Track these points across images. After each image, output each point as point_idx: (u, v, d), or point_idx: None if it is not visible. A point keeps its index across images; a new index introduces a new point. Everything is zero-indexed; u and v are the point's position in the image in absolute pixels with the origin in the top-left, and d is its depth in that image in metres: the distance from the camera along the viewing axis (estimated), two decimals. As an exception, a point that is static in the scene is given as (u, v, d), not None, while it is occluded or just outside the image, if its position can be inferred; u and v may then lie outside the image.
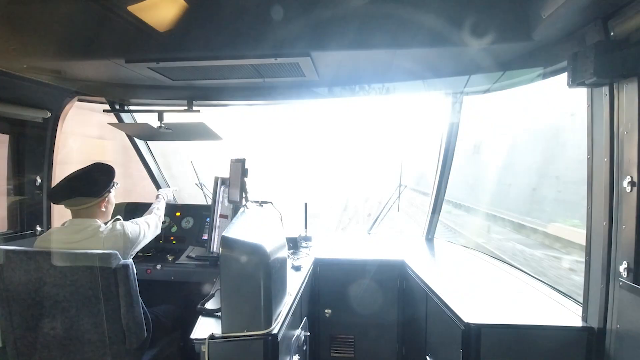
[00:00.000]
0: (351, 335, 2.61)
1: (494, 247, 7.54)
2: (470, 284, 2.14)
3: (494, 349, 1.56)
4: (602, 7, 1.31)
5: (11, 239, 2.33)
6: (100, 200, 1.86)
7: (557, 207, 6.84)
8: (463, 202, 10.91)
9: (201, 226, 2.83)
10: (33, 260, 1.59)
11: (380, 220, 3.45)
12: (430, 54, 1.98)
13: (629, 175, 1.31)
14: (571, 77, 1.44)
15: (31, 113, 2.32)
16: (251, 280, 1.41)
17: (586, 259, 1.55)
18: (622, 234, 1.36)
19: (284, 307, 1.66)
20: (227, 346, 1.41)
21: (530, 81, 2.07)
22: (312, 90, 2.50)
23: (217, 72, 2.10)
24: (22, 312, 1.63)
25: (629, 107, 1.31)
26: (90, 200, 1.82)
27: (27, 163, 2.43)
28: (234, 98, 2.64)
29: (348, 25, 1.71)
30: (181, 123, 2.62)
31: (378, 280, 2.55)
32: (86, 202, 1.81)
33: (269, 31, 1.72)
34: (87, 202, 1.81)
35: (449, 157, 2.72)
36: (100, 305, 1.60)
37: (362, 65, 2.13)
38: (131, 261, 1.67)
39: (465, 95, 2.47)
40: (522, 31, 1.61)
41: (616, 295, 1.40)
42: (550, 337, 1.57)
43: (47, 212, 2.55)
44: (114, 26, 1.73)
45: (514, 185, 9.03)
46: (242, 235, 1.47)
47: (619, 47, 1.30)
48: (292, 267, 2.25)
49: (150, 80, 2.27)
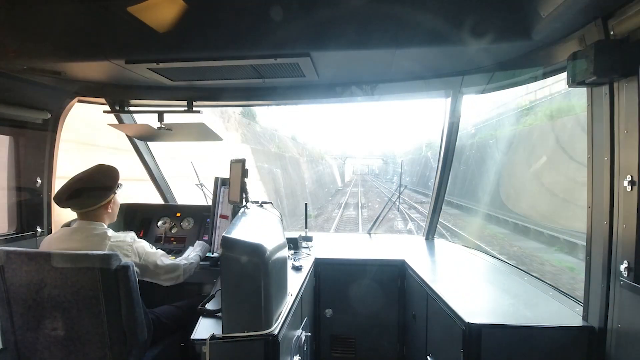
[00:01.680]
0: (352, 336, 2.61)
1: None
2: (470, 284, 2.14)
3: (495, 348, 1.56)
4: (602, 7, 1.31)
5: (11, 239, 2.33)
6: (106, 202, 1.85)
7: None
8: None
9: (201, 227, 2.83)
10: (34, 261, 1.59)
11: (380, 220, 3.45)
12: (430, 54, 1.98)
13: (629, 174, 1.31)
14: (571, 76, 1.44)
15: (31, 114, 2.32)
16: (252, 280, 1.41)
17: (587, 259, 1.55)
18: (623, 234, 1.36)
19: (285, 307, 1.66)
20: (227, 347, 1.41)
21: (530, 80, 2.07)
22: (312, 91, 2.50)
23: (217, 73, 2.10)
24: (23, 313, 1.63)
25: (629, 106, 1.31)
26: (96, 202, 1.82)
27: (27, 164, 2.43)
28: (234, 98, 2.65)
29: (348, 25, 1.71)
30: (181, 123, 2.62)
31: (378, 280, 2.55)
32: (92, 204, 1.81)
33: (269, 31, 1.72)
34: (93, 205, 1.81)
35: (449, 157, 2.72)
36: (101, 306, 1.60)
37: (361, 65, 2.13)
38: (132, 262, 1.67)
39: (464, 94, 2.46)
40: (521, 30, 1.61)
41: (617, 295, 1.40)
42: (551, 337, 1.57)
43: (48, 213, 2.55)
44: (114, 27, 1.73)
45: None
46: (243, 236, 1.47)
47: (618, 47, 1.30)
48: (292, 267, 2.25)
49: (150, 81, 2.27)
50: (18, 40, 1.79)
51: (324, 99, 2.57)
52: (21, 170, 2.41)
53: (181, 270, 2.01)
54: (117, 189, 1.91)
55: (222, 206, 2.53)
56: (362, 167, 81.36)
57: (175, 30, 1.72)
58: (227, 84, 2.44)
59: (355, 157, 73.72)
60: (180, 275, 2.01)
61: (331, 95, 2.49)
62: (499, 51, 1.89)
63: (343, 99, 2.57)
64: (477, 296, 1.92)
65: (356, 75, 2.35)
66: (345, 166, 63.78)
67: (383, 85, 2.42)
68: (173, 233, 2.82)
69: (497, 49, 1.84)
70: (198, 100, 2.60)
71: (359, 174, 71.75)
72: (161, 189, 3.32)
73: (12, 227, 2.42)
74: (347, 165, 67.00)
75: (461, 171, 17.97)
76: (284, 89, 2.53)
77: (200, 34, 1.76)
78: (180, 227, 2.85)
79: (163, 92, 2.53)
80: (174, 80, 2.28)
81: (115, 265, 1.59)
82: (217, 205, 2.55)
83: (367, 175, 71.29)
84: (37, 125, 2.40)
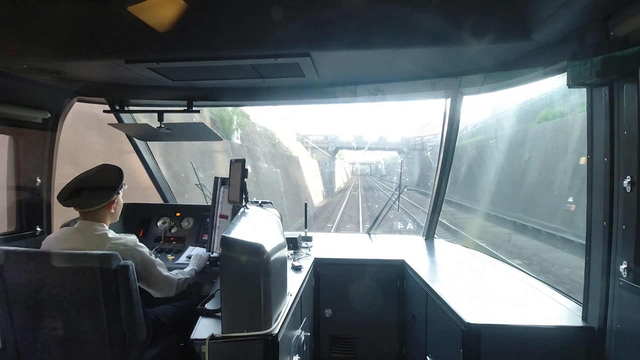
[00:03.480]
0: (351, 335, 2.61)
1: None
2: (470, 284, 2.14)
3: (494, 349, 1.56)
4: (602, 7, 1.31)
5: (11, 239, 2.33)
6: (109, 202, 1.85)
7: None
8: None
9: (201, 226, 2.83)
10: (34, 261, 1.59)
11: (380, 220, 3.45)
12: (430, 54, 1.98)
13: (629, 175, 1.31)
14: (571, 77, 1.44)
15: (31, 114, 2.32)
16: (251, 280, 1.41)
17: (586, 259, 1.55)
18: (622, 234, 1.36)
19: (284, 307, 1.66)
20: (227, 346, 1.41)
21: (530, 81, 2.07)
22: (312, 91, 2.50)
23: (217, 72, 2.10)
24: (23, 313, 1.63)
25: (629, 107, 1.31)
26: (99, 202, 1.81)
27: (27, 163, 2.43)
28: (234, 98, 2.64)
29: (348, 25, 1.71)
30: (181, 123, 2.62)
31: (378, 280, 2.55)
32: (94, 204, 1.81)
33: (269, 31, 1.72)
34: (95, 205, 1.81)
35: (449, 157, 2.72)
36: (101, 306, 1.60)
37: (362, 65, 2.13)
38: (131, 262, 1.67)
39: (464, 95, 2.46)
40: (521, 31, 1.61)
41: (616, 295, 1.40)
42: (551, 337, 1.57)
43: (47, 213, 2.55)
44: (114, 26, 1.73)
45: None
46: (242, 236, 1.47)
47: (619, 47, 1.30)
48: (292, 267, 2.25)
49: (150, 80, 2.27)
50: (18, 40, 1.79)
51: (324, 99, 2.57)
52: (21, 170, 2.41)
53: (174, 287, 1.99)
54: (120, 190, 1.91)
55: (222, 206, 2.53)
56: (362, 166, 58.50)
57: (175, 30, 1.72)
58: (227, 83, 2.44)
59: (351, 145, 38.36)
60: (172, 291, 1.99)
61: (331, 95, 2.49)
62: (499, 51, 1.89)
63: (343, 99, 2.56)
64: (477, 296, 1.92)
65: (356, 76, 2.35)
66: (335, 164, 37.73)
67: (383, 86, 2.42)
68: (173, 233, 2.82)
69: (497, 49, 1.84)
70: (198, 100, 2.60)
71: (359, 174, 54.08)
72: (161, 189, 3.32)
73: (12, 226, 2.42)
74: (338, 166, 39.81)
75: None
76: (284, 89, 2.52)
77: (200, 34, 1.76)
78: (180, 227, 2.84)
79: (163, 92, 2.53)
80: (174, 80, 2.28)
81: (115, 265, 1.59)
82: (216, 205, 2.55)
83: (370, 176, 50.20)
84: (37, 124, 2.40)
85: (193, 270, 2.18)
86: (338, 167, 39.46)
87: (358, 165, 58.35)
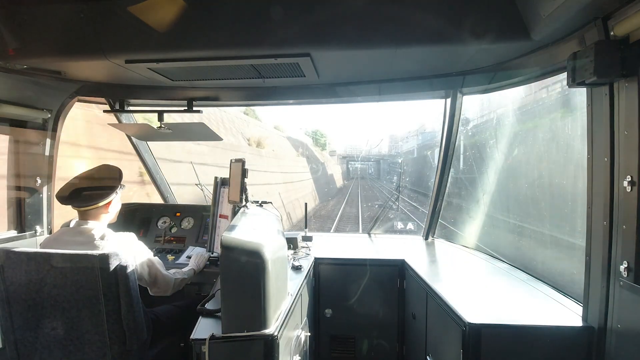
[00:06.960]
0: (351, 335, 2.61)
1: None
2: (470, 284, 2.14)
3: (495, 348, 1.56)
4: (602, 7, 1.31)
5: (11, 239, 2.33)
6: (107, 202, 1.85)
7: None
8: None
9: (201, 226, 2.83)
10: (34, 261, 1.59)
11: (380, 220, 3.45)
12: (430, 53, 1.98)
13: (629, 175, 1.31)
14: (571, 76, 1.44)
15: (32, 114, 2.32)
16: (251, 280, 1.41)
17: (586, 259, 1.55)
18: (622, 234, 1.36)
19: (284, 307, 1.66)
20: (227, 346, 1.41)
21: (531, 81, 2.08)
22: (312, 91, 2.50)
23: (217, 72, 2.10)
24: (23, 313, 1.63)
25: (629, 107, 1.30)
26: (97, 202, 1.82)
27: (27, 163, 2.43)
28: (234, 98, 2.64)
29: (348, 24, 1.71)
30: (181, 123, 2.62)
31: (378, 280, 2.55)
32: (92, 203, 1.81)
33: (269, 31, 1.72)
34: (93, 204, 1.81)
35: (449, 157, 2.72)
36: (101, 305, 1.60)
37: (362, 64, 2.13)
38: (131, 262, 1.67)
39: (464, 94, 2.46)
40: (521, 30, 1.61)
41: (616, 295, 1.40)
42: (551, 337, 1.57)
43: (47, 213, 2.55)
44: (114, 26, 1.73)
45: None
46: (242, 236, 1.47)
47: (618, 47, 1.30)
48: (292, 267, 2.25)
49: (150, 80, 2.27)
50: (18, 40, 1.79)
51: (324, 99, 2.57)
52: (21, 170, 2.41)
53: (171, 286, 2.00)
54: (119, 190, 1.91)
55: (222, 206, 2.53)
56: (361, 165, 51.15)
57: (175, 30, 1.72)
58: (227, 83, 2.43)
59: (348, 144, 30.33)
60: (168, 289, 2.00)
61: (331, 95, 2.49)
62: (499, 51, 1.88)
63: (343, 99, 2.57)
64: (477, 296, 1.92)
65: (356, 75, 2.34)
66: (330, 165, 32.09)
67: (383, 85, 2.42)
68: (173, 233, 2.82)
69: (497, 49, 1.83)
70: (198, 100, 2.60)
71: (359, 175, 47.18)
72: (160, 189, 3.32)
73: (12, 226, 2.42)
74: (331, 165, 34.02)
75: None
76: (284, 89, 2.53)
77: (200, 34, 1.76)
78: (180, 227, 2.85)
79: (163, 92, 2.53)
80: (174, 80, 2.28)
81: (114, 265, 1.59)
82: (216, 205, 2.55)
83: (369, 180, 43.67)
84: (37, 124, 2.40)
85: (192, 270, 2.18)
86: (332, 166, 28.07)
87: (358, 165, 48.62)
